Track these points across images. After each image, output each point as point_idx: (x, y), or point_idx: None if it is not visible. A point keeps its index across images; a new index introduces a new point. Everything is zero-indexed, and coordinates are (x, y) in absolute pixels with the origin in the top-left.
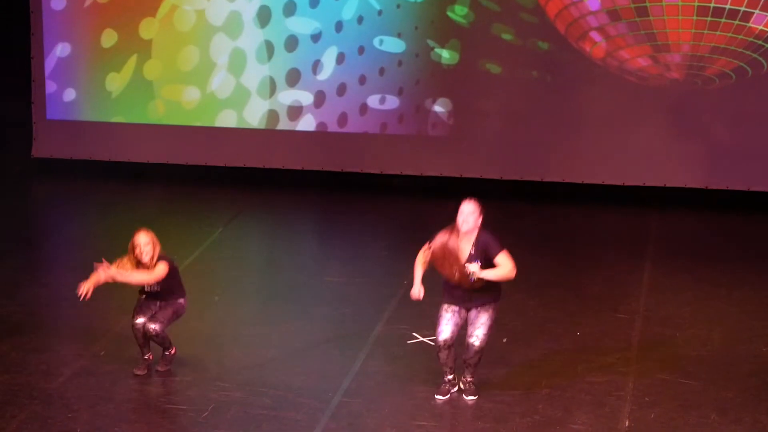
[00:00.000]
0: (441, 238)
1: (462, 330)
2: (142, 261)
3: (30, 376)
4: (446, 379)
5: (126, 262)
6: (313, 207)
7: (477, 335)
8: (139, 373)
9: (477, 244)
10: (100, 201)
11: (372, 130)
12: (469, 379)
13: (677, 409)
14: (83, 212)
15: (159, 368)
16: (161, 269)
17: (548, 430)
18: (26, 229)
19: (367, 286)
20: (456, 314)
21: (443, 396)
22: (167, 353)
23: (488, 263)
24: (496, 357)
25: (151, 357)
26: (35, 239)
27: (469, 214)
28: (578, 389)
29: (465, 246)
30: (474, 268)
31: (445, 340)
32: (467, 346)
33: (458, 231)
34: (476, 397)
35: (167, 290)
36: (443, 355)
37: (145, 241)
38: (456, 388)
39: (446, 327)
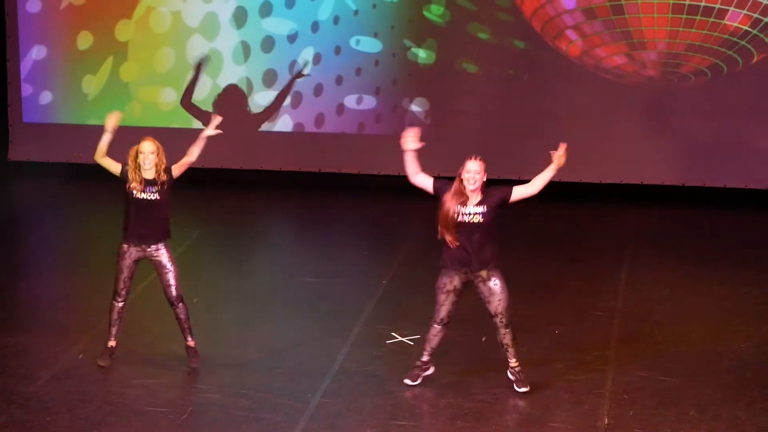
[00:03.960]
0: (447, 201)
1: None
2: (144, 169)
3: (8, 379)
4: (421, 360)
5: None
6: (291, 208)
7: (500, 313)
8: (102, 364)
9: (485, 199)
10: (78, 204)
11: (349, 130)
12: (514, 365)
13: (656, 406)
14: (60, 215)
15: (193, 365)
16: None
17: (528, 429)
18: (3, 232)
19: (346, 286)
20: (455, 292)
21: (413, 381)
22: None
23: (500, 209)
24: (475, 355)
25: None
26: (12, 242)
27: (475, 172)
28: (557, 387)
29: (471, 203)
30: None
31: (441, 318)
32: (496, 327)
33: (460, 190)
34: (528, 388)
35: (161, 214)
36: (433, 332)
37: (150, 149)
38: (426, 372)
39: (444, 305)
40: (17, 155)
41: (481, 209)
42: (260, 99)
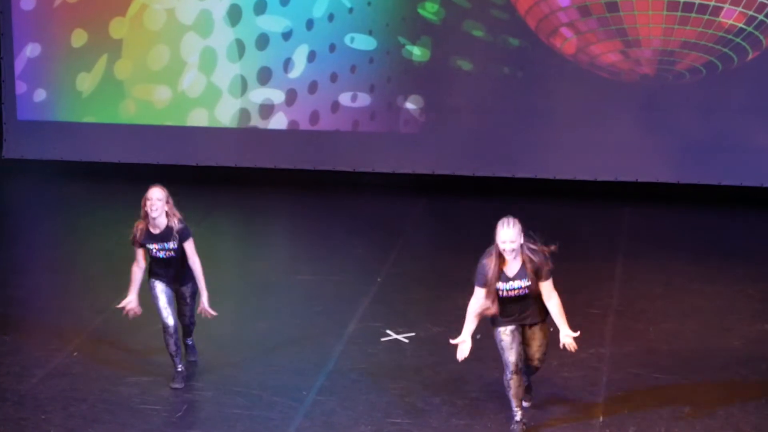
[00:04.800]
0: (489, 277)
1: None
2: (150, 216)
3: (3, 377)
4: (516, 420)
5: (139, 224)
6: (286, 205)
7: (539, 358)
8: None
9: (527, 265)
10: (72, 202)
11: (344, 127)
12: (527, 405)
13: (651, 404)
14: (55, 213)
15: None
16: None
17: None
18: None
19: (340, 284)
20: (515, 334)
21: None
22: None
23: (537, 280)
24: (470, 353)
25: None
26: (7, 240)
27: (511, 241)
28: (552, 385)
29: (510, 269)
30: (567, 340)
31: (515, 364)
32: (526, 370)
33: (499, 256)
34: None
35: (181, 265)
36: (514, 383)
37: (157, 196)
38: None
39: (512, 350)
40: (11, 153)
41: (524, 282)
42: (255, 97)
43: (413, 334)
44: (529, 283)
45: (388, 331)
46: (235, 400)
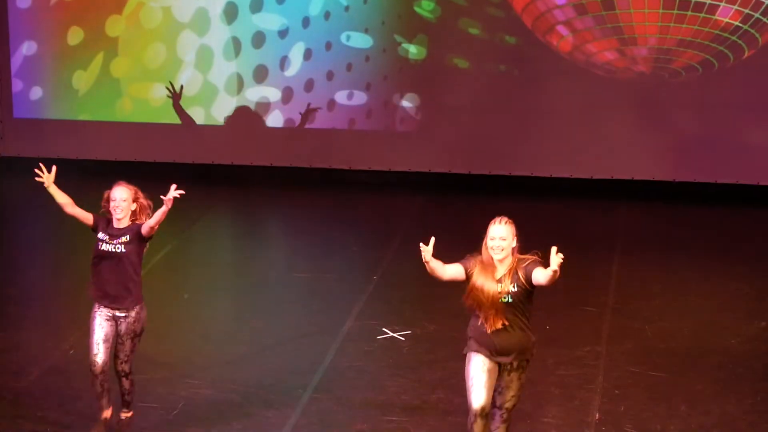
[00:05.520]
0: (477, 275)
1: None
2: (114, 217)
3: None
4: None
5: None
6: (282, 203)
7: (507, 408)
8: None
9: (517, 273)
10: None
11: (340, 125)
12: None
13: (647, 402)
14: (51, 211)
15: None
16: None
17: (519, 424)
18: None
19: (337, 281)
20: (491, 373)
21: None
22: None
23: (531, 287)
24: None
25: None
26: (3, 238)
27: (501, 238)
28: (548, 383)
29: (498, 272)
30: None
31: (483, 407)
32: (491, 417)
33: (486, 260)
34: None
35: (134, 270)
36: (478, 428)
37: (122, 197)
38: None
39: (482, 390)
40: (7, 151)
41: (511, 287)
42: (251, 95)
43: (410, 331)
44: (516, 290)
45: (385, 329)
46: (231, 397)
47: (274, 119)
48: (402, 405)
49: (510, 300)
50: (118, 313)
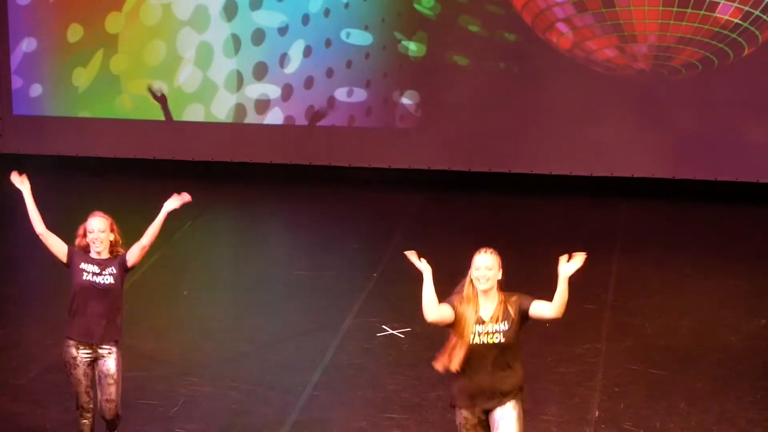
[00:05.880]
0: (461, 307)
1: None
2: (93, 250)
3: None
4: None
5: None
6: (282, 200)
7: None
8: None
9: (508, 307)
10: (68, 197)
11: (340, 123)
12: None
13: (646, 399)
14: (50, 209)
15: None
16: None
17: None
18: None
19: (337, 278)
20: (481, 425)
21: None
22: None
23: (521, 323)
24: None
25: None
26: (2, 236)
27: (486, 268)
28: (548, 380)
29: (485, 309)
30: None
31: None
32: None
33: (469, 293)
34: None
35: (121, 303)
36: None
37: (100, 227)
38: None
39: None
40: (7, 148)
41: (502, 326)
42: (251, 92)
43: (409, 329)
44: (507, 327)
45: (385, 327)
46: (231, 395)
47: (274, 116)
48: (401, 402)
49: (501, 340)
50: (101, 351)
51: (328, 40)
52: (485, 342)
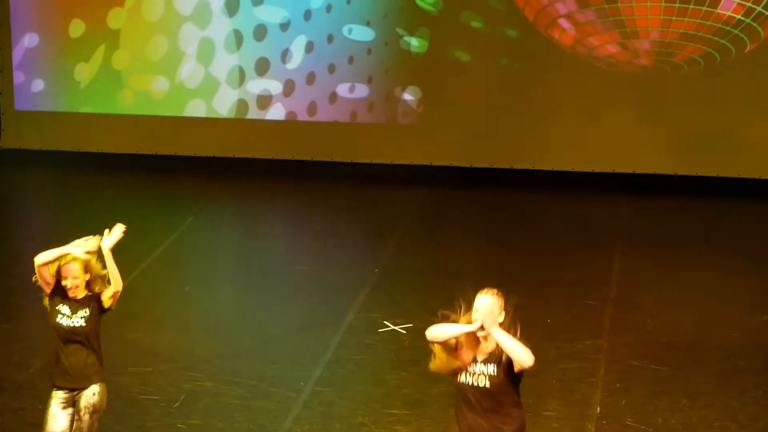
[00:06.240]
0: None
1: None
2: (69, 294)
3: (1, 366)
4: None
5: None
6: (284, 196)
7: None
8: None
9: (501, 355)
10: (70, 191)
11: (342, 118)
12: None
13: (648, 395)
14: (53, 203)
15: None
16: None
17: None
18: None
19: (338, 275)
20: None
21: None
22: None
23: (510, 367)
24: None
25: None
26: (5, 230)
27: (488, 312)
28: (550, 376)
29: (485, 349)
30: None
31: None
32: None
33: (472, 332)
34: None
35: (97, 344)
36: None
37: (74, 274)
38: None
39: None
40: (9, 143)
41: (491, 368)
42: (253, 88)
43: (411, 324)
44: (496, 372)
45: (386, 322)
46: (233, 390)
47: (276, 112)
48: (403, 398)
49: (487, 384)
50: (74, 393)
51: (330, 35)
52: (471, 383)
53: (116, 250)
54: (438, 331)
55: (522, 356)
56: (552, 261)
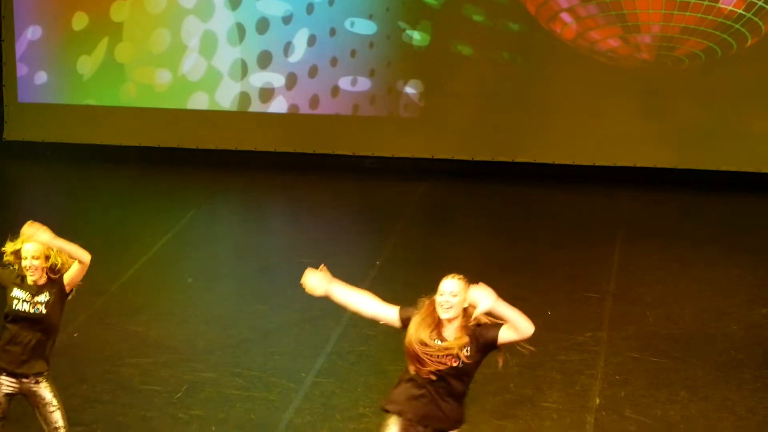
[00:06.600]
0: (416, 325)
1: None
2: (28, 276)
3: None
4: None
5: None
6: (286, 189)
7: None
8: None
9: (476, 339)
10: (73, 183)
11: (344, 111)
12: None
13: (647, 387)
14: (55, 194)
15: None
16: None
17: (519, 408)
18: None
19: (340, 266)
20: None
21: None
22: None
23: (485, 352)
24: None
25: None
26: (7, 222)
27: (450, 294)
28: (549, 367)
29: (447, 334)
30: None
31: None
32: None
33: (432, 315)
34: None
35: (55, 331)
36: None
37: (33, 254)
38: None
39: None
40: (13, 135)
41: (465, 352)
42: (255, 80)
43: None
44: (469, 353)
45: None
46: (234, 381)
47: (278, 105)
48: None
49: (462, 365)
50: (28, 379)
51: (332, 29)
52: (437, 363)
53: (118, 243)
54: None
55: (524, 326)
56: (552, 253)
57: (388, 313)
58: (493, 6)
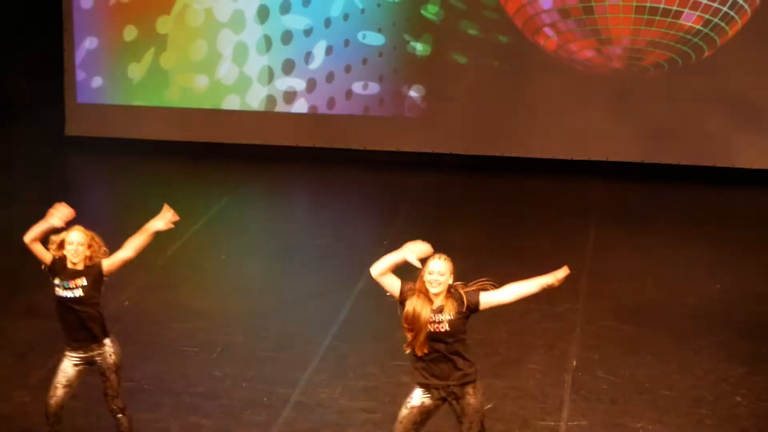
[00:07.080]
0: (412, 302)
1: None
2: (70, 260)
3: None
4: None
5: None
6: (306, 179)
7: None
8: None
9: (452, 305)
10: (123, 172)
11: (356, 112)
12: None
13: (617, 351)
14: (109, 183)
15: None
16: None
17: (508, 368)
18: (60, 198)
19: (352, 246)
20: (421, 411)
21: None
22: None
23: (468, 315)
24: None
25: None
26: (71, 206)
27: (439, 273)
28: (533, 334)
29: (437, 308)
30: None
31: None
32: None
33: (423, 291)
34: None
35: (95, 310)
36: None
37: (79, 240)
38: None
39: (403, 423)
40: (73, 131)
41: (447, 316)
42: (280, 85)
43: None
44: (452, 317)
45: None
46: (261, 344)
47: (300, 106)
48: None
49: (447, 328)
50: (88, 354)
51: (346, 40)
52: (434, 330)
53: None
54: (381, 265)
55: (532, 290)
56: (535, 235)
57: (394, 283)
58: (486, 21)
